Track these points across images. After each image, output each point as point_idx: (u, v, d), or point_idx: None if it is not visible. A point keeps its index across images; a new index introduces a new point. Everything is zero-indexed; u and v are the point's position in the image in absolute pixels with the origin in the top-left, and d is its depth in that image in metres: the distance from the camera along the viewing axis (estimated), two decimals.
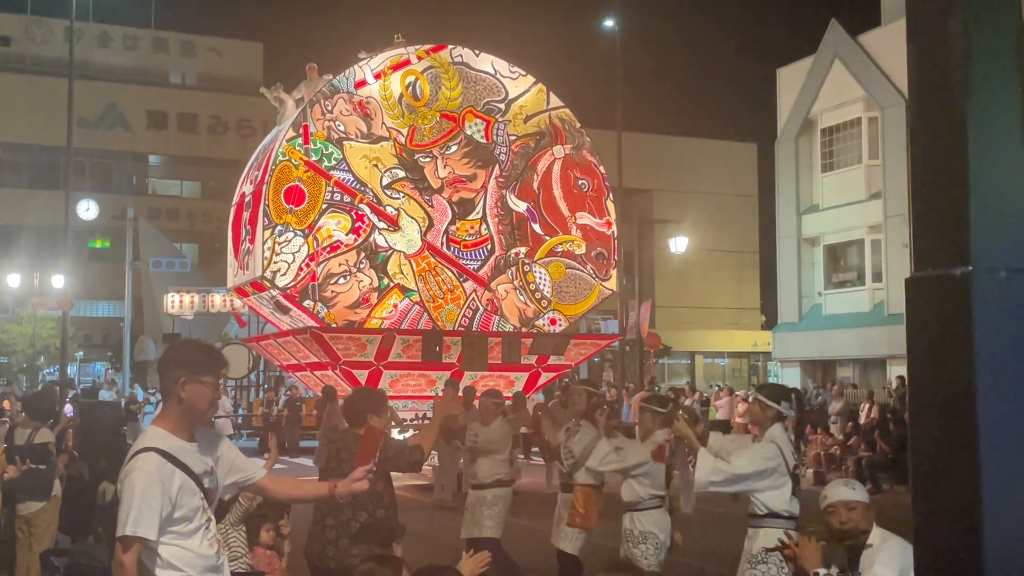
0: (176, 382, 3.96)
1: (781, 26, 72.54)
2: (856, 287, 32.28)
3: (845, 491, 4.75)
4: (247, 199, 20.59)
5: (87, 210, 37.21)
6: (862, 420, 21.80)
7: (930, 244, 2.28)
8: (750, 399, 6.60)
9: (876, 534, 4.57)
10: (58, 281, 30.15)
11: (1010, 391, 2.16)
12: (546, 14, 75.10)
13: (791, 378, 33.00)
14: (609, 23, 32.10)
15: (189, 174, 48.16)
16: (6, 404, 18.60)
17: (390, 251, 19.67)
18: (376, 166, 19.79)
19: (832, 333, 32.11)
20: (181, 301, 29.65)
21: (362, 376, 19.26)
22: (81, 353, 44.09)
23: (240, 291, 21.69)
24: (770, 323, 41.89)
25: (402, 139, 20.13)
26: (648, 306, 30.63)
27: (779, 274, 35.28)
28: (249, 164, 21.92)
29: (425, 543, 11.22)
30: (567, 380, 24.50)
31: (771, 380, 39.49)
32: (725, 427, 23.46)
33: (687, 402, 25.47)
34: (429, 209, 20.12)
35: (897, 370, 26.80)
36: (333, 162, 19.49)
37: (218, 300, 29.50)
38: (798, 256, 33.85)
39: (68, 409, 19.52)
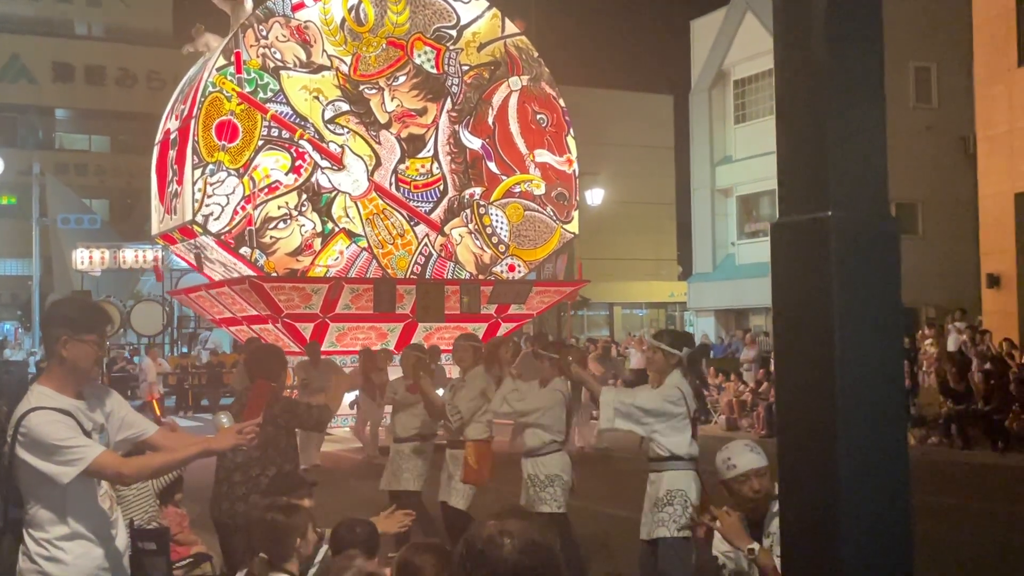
0: (58, 341, 3.89)
1: None
2: (768, 237, 32.73)
3: (754, 458, 4.49)
4: (173, 136, 18.93)
5: None
6: (773, 367, 22.20)
7: (793, 191, 2.36)
8: (646, 347, 6.67)
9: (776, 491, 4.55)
10: None
11: (865, 328, 2.25)
12: None
13: (706, 327, 33.50)
14: None
15: (97, 128, 47.05)
16: None
17: (334, 192, 18.34)
18: (317, 98, 18.40)
19: (745, 282, 32.57)
20: (91, 257, 28.99)
21: (307, 330, 18.00)
22: None
23: (167, 238, 20.09)
24: (686, 274, 42.36)
25: (345, 69, 18.74)
26: (564, 259, 30.73)
27: (694, 225, 35.68)
28: (174, 98, 20.17)
29: (348, 498, 11.26)
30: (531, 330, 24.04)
31: (688, 329, 40.02)
32: (640, 376, 23.70)
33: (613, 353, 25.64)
34: (376, 146, 18.79)
35: None
36: (269, 94, 18.04)
37: (129, 256, 28.91)
38: (712, 207, 34.24)
39: None
